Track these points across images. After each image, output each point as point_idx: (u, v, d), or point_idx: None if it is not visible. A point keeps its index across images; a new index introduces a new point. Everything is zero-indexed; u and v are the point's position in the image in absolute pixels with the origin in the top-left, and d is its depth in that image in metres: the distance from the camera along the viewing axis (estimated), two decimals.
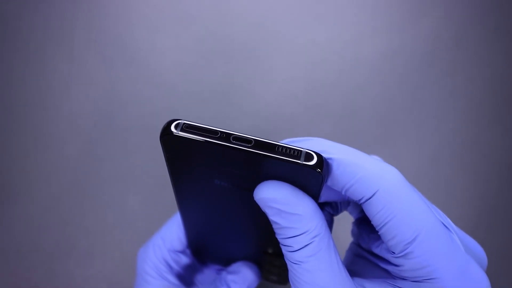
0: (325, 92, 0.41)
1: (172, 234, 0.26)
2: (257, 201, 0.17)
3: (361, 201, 0.17)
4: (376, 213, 0.16)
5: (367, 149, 0.41)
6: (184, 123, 0.17)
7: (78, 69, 0.40)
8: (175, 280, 0.26)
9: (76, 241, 0.38)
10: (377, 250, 0.19)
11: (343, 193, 0.17)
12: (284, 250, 0.17)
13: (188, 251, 0.28)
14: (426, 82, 0.41)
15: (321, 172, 0.15)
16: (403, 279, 0.17)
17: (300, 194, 0.16)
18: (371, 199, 0.16)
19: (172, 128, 0.17)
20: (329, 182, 0.17)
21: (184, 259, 0.27)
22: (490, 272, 0.43)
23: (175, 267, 0.26)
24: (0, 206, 0.40)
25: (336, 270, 0.16)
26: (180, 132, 0.16)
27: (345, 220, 0.26)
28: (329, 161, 0.16)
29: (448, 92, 0.41)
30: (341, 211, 0.22)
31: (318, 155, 0.15)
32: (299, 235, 0.16)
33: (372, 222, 0.17)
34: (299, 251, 0.16)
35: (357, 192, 0.16)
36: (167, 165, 0.19)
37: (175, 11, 0.40)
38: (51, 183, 0.39)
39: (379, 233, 0.17)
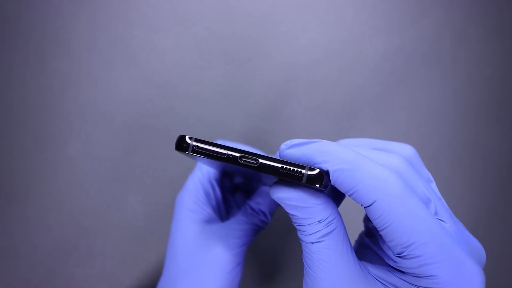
0: (325, 92, 0.41)
1: (206, 167, 0.29)
2: (274, 198, 0.19)
3: (362, 206, 0.18)
4: (375, 219, 0.17)
5: None
6: (193, 145, 0.19)
7: (78, 69, 0.40)
8: (212, 212, 0.28)
9: (76, 241, 0.38)
10: (382, 244, 0.20)
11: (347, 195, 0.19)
12: (300, 234, 0.19)
13: (220, 186, 0.30)
14: (426, 82, 0.41)
15: (323, 190, 0.18)
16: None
17: (308, 190, 0.18)
18: (369, 207, 0.17)
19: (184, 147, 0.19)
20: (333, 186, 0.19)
21: (218, 191, 0.30)
22: (490, 272, 0.43)
23: (213, 198, 0.29)
24: (0, 206, 0.40)
25: (346, 252, 0.18)
26: (191, 153, 0.19)
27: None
28: (330, 174, 0.18)
29: (448, 92, 0.41)
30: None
31: (319, 175, 0.17)
32: (314, 223, 0.18)
33: (374, 224, 0.18)
34: (314, 234, 0.18)
35: (357, 199, 0.18)
36: None
37: (175, 11, 0.40)
38: (51, 183, 0.39)
39: (380, 234, 0.18)
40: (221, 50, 0.40)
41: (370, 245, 0.22)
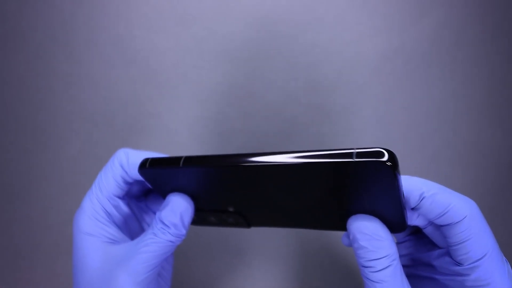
0: (325, 92, 0.41)
1: (109, 180, 0.26)
2: (350, 229, 0.21)
3: (445, 224, 0.21)
4: (457, 234, 0.20)
5: None
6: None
7: (78, 69, 0.40)
8: (117, 232, 0.25)
9: None
10: (436, 262, 0.23)
11: (433, 221, 0.21)
12: (366, 271, 0.21)
13: (126, 200, 0.27)
14: (426, 82, 0.41)
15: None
16: None
17: (383, 225, 0.21)
18: (458, 223, 0.20)
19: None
20: (422, 213, 0.21)
21: (125, 208, 0.27)
22: None
23: (118, 215, 0.26)
24: (0, 206, 0.40)
25: (404, 285, 0.20)
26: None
27: None
28: (425, 199, 0.21)
29: (448, 92, 0.41)
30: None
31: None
32: (382, 258, 0.20)
33: (448, 240, 0.21)
34: (381, 271, 0.20)
35: (448, 218, 0.21)
36: None
37: (175, 11, 0.40)
38: (51, 183, 0.39)
39: (450, 248, 0.21)
40: (221, 50, 0.40)
41: (416, 273, 0.25)
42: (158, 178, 0.24)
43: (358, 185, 0.19)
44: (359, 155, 0.18)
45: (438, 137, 0.41)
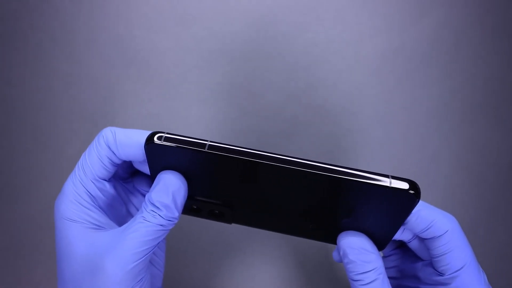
0: (325, 92, 0.41)
1: (93, 161, 0.24)
2: (341, 244, 0.23)
3: (428, 238, 0.23)
4: (439, 246, 0.23)
5: (367, 149, 0.41)
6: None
7: (78, 69, 0.40)
8: (102, 216, 0.23)
9: None
10: (421, 273, 0.25)
11: (418, 234, 0.23)
12: (355, 284, 0.22)
13: (112, 182, 0.25)
14: (426, 82, 0.41)
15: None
16: None
17: (370, 241, 0.23)
18: (440, 236, 0.22)
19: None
20: (408, 228, 0.23)
21: (111, 190, 0.24)
22: (490, 272, 0.43)
23: (103, 198, 0.24)
24: (0, 206, 0.40)
25: None
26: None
27: None
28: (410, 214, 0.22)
29: (448, 92, 0.41)
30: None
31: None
32: (369, 271, 0.21)
33: (431, 252, 0.23)
34: (369, 284, 0.21)
35: (431, 233, 0.23)
36: None
37: (175, 11, 0.40)
38: (51, 183, 0.39)
39: (433, 260, 0.23)
40: (221, 50, 0.40)
41: (403, 283, 0.27)
42: (165, 157, 0.22)
43: (370, 206, 0.21)
44: (394, 178, 0.20)
45: (438, 137, 0.41)
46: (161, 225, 0.22)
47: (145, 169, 0.25)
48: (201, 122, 0.40)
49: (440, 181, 0.41)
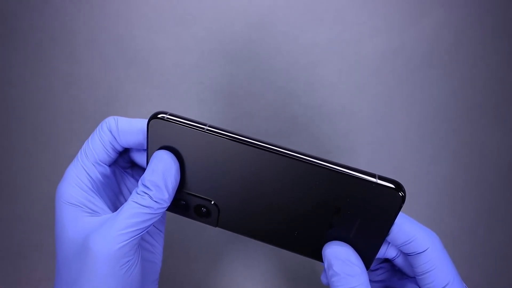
0: (325, 92, 0.41)
1: (96, 145, 0.24)
2: (325, 254, 0.22)
3: (411, 254, 0.23)
4: (422, 264, 0.22)
5: (367, 149, 0.41)
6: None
7: (78, 69, 0.40)
8: (97, 201, 0.24)
9: None
10: None
11: (399, 247, 0.23)
12: None
13: (113, 168, 0.26)
14: (426, 82, 0.41)
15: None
16: None
17: (356, 252, 0.22)
18: (421, 253, 0.22)
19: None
20: (390, 240, 0.23)
21: (110, 175, 0.25)
22: (490, 271, 0.43)
23: (102, 181, 0.24)
24: (0, 206, 0.40)
25: None
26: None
27: None
28: (393, 224, 0.22)
29: (448, 92, 0.41)
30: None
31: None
32: (355, 287, 0.21)
33: (415, 270, 0.23)
34: None
35: (412, 248, 0.22)
36: None
37: (175, 11, 0.40)
38: (51, 183, 0.39)
39: (417, 278, 0.23)
40: (221, 50, 0.40)
41: None
42: (165, 137, 0.23)
43: (356, 209, 0.21)
44: (381, 178, 0.20)
45: (438, 137, 0.41)
46: (149, 207, 0.22)
47: (144, 161, 0.26)
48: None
49: (439, 181, 0.41)
